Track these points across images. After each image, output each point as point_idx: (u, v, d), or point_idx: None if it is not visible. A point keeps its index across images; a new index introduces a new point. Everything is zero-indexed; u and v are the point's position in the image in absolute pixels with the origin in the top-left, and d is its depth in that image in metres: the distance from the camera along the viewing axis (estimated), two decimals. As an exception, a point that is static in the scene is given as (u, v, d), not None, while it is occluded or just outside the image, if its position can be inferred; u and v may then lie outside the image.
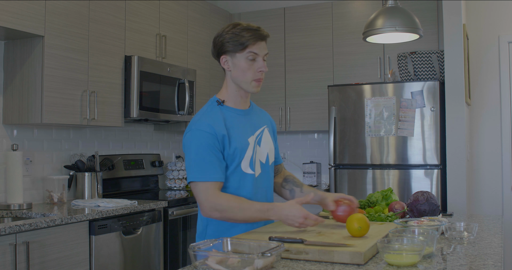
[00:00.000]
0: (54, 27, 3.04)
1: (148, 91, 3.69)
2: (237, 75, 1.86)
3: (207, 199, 1.76)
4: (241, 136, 1.85)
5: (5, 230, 2.32)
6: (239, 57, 1.83)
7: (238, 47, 1.81)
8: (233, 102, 1.92)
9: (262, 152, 1.92)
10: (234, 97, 1.91)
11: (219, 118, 1.83)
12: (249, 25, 1.84)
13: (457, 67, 3.76)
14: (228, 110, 1.89)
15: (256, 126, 1.94)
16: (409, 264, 1.40)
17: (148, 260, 3.26)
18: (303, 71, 4.70)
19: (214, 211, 1.76)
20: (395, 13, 2.58)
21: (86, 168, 3.48)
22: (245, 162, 1.84)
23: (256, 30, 1.83)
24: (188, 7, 4.35)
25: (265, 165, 1.93)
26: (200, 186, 1.77)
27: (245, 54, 1.82)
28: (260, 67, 1.84)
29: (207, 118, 1.83)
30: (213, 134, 1.78)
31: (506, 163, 4.37)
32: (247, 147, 1.85)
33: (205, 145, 1.77)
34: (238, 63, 1.84)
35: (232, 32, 1.82)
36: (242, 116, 1.91)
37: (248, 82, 1.86)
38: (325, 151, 4.88)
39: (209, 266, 1.30)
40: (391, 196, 2.35)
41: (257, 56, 1.84)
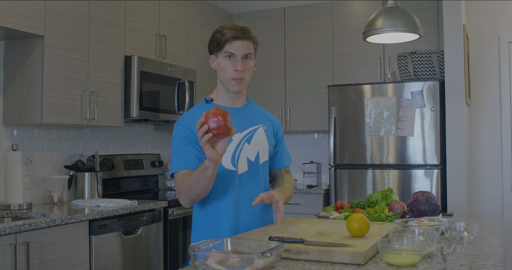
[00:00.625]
0: (54, 27, 3.04)
1: (148, 91, 3.69)
2: (219, 74, 1.91)
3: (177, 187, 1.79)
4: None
5: (5, 230, 2.32)
6: (220, 56, 1.88)
7: (217, 46, 1.86)
8: (221, 100, 1.95)
9: (250, 150, 1.91)
10: (222, 95, 1.94)
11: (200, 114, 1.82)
12: (234, 24, 1.86)
13: (457, 67, 3.77)
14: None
15: (248, 124, 1.94)
16: (409, 264, 1.40)
17: (148, 260, 3.26)
18: (303, 71, 4.70)
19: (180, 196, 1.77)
20: (395, 13, 2.58)
21: (86, 168, 3.48)
22: (226, 158, 1.84)
23: (236, 29, 1.84)
24: (188, 7, 4.35)
25: (253, 164, 1.91)
26: (175, 177, 1.81)
27: (223, 54, 1.86)
28: (235, 66, 1.84)
29: (189, 114, 1.89)
30: (188, 128, 1.82)
31: (506, 163, 4.37)
32: (228, 143, 1.83)
33: (180, 138, 1.82)
34: (219, 62, 1.89)
35: (217, 31, 1.87)
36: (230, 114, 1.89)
37: (227, 81, 1.88)
38: (325, 151, 4.88)
39: (209, 266, 1.30)
40: (391, 196, 2.35)
41: (234, 55, 1.85)
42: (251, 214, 1.91)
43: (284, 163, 2.11)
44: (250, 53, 1.88)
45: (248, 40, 1.86)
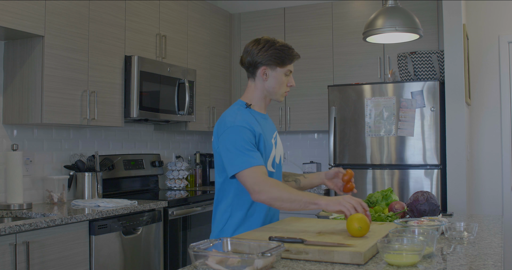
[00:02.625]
0: (54, 27, 3.04)
1: (148, 91, 3.69)
2: (272, 86, 2.06)
3: (254, 183, 1.85)
4: (267, 137, 2.04)
5: (5, 230, 2.32)
6: (279, 72, 2.04)
7: (281, 63, 2.03)
8: (257, 106, 2.10)
9: (278, 153, 2.10)
10: (258, 102, 2.10)
11: (252, 118, 2.01)
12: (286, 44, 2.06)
13: (457, 67, 3.76)
14: (255, 113, 2.07)
15: (273, 129, 2.15)
16: (409, 264, 1.40)
17: (148, 260, 3.26)
18: (303, 71, 4.70)
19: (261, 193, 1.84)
20: (395, 13, 2.58)
21: (86, 168, 3.48)
22: (270, 161, 2.03)
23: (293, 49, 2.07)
24: (188, 7, 4.35)
25: (278, 166, 2.11)
26: (246, 172, 1.86)
27: (284, 70, 2.05)
28: (290, 82, 2.09)
29: (243, 116, 1.99)
30: (251, 131, 1.94)
31: (506, 163, 4.37)
32: (272, 148, 2.05)
33: (245, 139, 1.91)
34: (277, 76, 2.05)
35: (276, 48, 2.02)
36: (265, 120, 2.11)
37: (280, 93, 2.08)
38: (325, 151, 4.88)
39: (209, 266, 1.30)
40: (391, 196, 2.35)
41: (291, 73, 2.08)
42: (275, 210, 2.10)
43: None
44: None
45: None
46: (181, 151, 4.75)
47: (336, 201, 1.79)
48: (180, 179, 4.40)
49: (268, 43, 2.03)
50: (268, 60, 2.02)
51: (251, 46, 2.05)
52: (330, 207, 1.79)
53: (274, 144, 2.08)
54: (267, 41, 2.04)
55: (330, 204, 1.79)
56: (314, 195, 1.83)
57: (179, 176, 4.40)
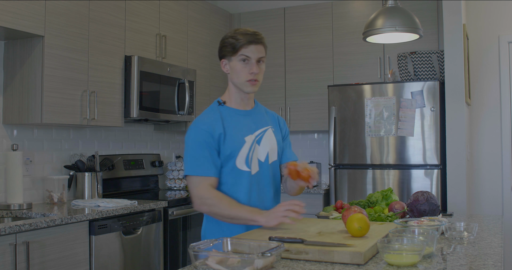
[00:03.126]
0: (54, 27, 3.04)
1: (148, 91, 3.69)
2: (233, 77, 1.97)
3: (198, 193, 1.88)
4: (237, 134, 1.94)
5: (5, 230, 2.32)
6: (234, 60, 1.94)
7: (232, 50, 1.92)
8: (234, 103, 2.02)
9: (261, 151, 1.98)
10: (235, 98, 2.01)
11: (217, 117, 1.94)
12: (246, 30, 1.94)
13: (457, 67, 3.76)
14: (228, 110, 1.99)
15: (258, 126, 2.02)
16: (409, 264, 1.40)
17: (148, 260, 3.26)
18: (303, 71, 4.70)
19: (203, 205, 1.89)
20: (395, 13, 2.58)
21: (86, 168, 3.48)
22: (240, 159, 1.93)
23: (250, 34, 1.92)
24: (188, 7, 4.35)
25: (264, 164, 1.99)
26: (193, 179, 1.89)
27: (238, 57, 1.92)
28: (251, 69, 1.92)
29: (206, 117, 1.95)
30: (209, 132, 1.89)
31: (506, 163, 4.37)
32: (242, 145, 1.94)
33: (201, 141, 1.89)
34: (233, 66, 1.94)
35: (229, 37, 1.94)
36: (242, 116, 2.00)
37: (242, 83, 1.95)
38: (325, 151, 4.88)
39: (209, 266, 1.30)
40: (391, 196, 2.35)
41: (249, 58, 1.92)
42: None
43: (293, 157, 2.14)
44: (263, 57, 1.96)
45: (261, 44, 1.95)
46: (181, 151, 4.75)
47: (273, 215, 1.80)
48: (180, 179, 4.40)
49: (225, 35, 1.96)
50: (221, 51, 1.96)
51: None
52: (269, 223, 1.80)
53: (256, 141, 1.97)
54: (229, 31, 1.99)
55: (269, 220, 1.80)
56: (254, 212, 1.83)
57: (179, 176, 4.40)
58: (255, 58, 1.92)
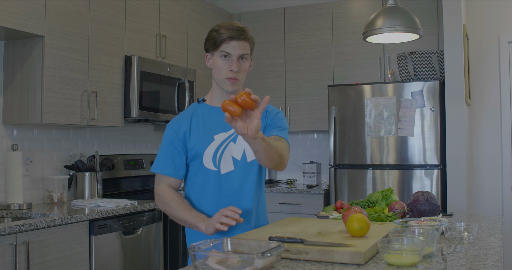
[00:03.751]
0: (54, 27, 3.04)
1: (148, 91, 3.69)
2: (214, 73, 1.90)
3: (156, 190, 1.92)
4: (204, 132, 1.88)
5: (5, 230, 2.32)
6: (216, 55, 1.86)
7: (213, 45, 1.85)
8: (214, 100, 1.94)
9: (236, 149, 1.88)
10: (215, 95, 1.94)
11: (188, 115, 1.92)
12: (231, 24, 1.84)
13: (457, 67, 3.76)
14: (204, 107, 1.94)
15: None
16: (409, 264, 1.40)
17: (148, 260, 3.26)
18: (303, 71, 4.70)
19: (159, 203, 1.92)
20: (395, 13, 2.58)
21: (86, 168, 3.48)
22: (207, 158, 1.86)
23: (233, 29, 1.82)
24: (188, 7, 4.35)
25: (239, 163, 1.88)
26: (155, 176, 1.94)
27: (219, 53, 1.84)
28: (231, 66, 1.82)
29: (179, 115, 1.95)
30: (174, 131, 1.89)
31: (506, 163, 4.37)
32: (209, 143, 1.86)
33: (167, 140, 1.90)
34: (215, 61, 1.87)
35: (214, 30, 1.87)
36: (216, 113, 1.88)
37: (221, 80, 1.86)
38: (325, 151, 4.88)
39: (209, 266, 1.30)
40: (391, 196, 2.35)
41: (230, 55, 1.83)
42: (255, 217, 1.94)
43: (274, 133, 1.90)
44: (246, 54, 1.86)
45: (244, 41, 1.85)
46: (181, 151, 4.75)
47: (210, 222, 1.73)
48: (180, 179, 4.40)
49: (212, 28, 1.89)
50: (206, 45, 1.90)
51: None
52: (208, 230, 1.75)
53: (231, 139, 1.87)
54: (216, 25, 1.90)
55: (208, 228, 1.74)
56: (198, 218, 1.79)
57: (179, 176, 4.40)
58: (236, 55, 1.82)
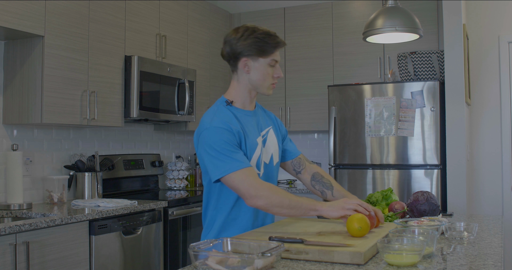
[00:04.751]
0: (54, 27, 3.04)
1: (148, 91, 3.69)
2: (256, 78, 1.89)
3: (250, 187, 1.73)
4: (251, 136, 1.88)
5: (5, 230, 2.32)
6: (262, 62, 1.87)
7: (262, 52, 1.85)
8: (241, 103, 1.93)
9: (267, 153, 1.94)
10: (243, 98, 1.93)
11: (231, 117, 1.85)
12: (268, 31, 1.87)
13: (457, 67, 3.76)
14: (237, 110, 1.91)
15: (262, 127, 1.96)
16: (409, 264, 1.40)
17: (148, 260, 3.26)
18: (303, 71, 4.70)
19: (260, 198, 1.72)
20: (395, 13, 2.58)
21: (86, 168, 3.48)
22: (253, 162, 1.86)
23: (276, 36, 1.88)
24: (188, 7, 4.35)
25: (268, 166, 1.94)
26: (235, 176, 1.73)
27: (268, 60, 1.87)
28: (277, 73, 1.91)
29: (220, 116, 1.84)
30: (230, 131, 1.79)
31: (506, 163, 4.37)
32: (255, 147, 1.88)
33: (226, 141, 1.76)
34: (260, 67, 1.88)
35: (255, 37, 1.85)
36: (250, 117, 1.93)
37: (266, 86, 1.91)
38: (325, 151, 4.88)
39: (209, 266, 1.30)
40: (391, 196, 2.35)
41: (276, 63, 1.91)
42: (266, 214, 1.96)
43: (296, 153, 2.12)
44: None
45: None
46: (181, 151, 4.75)
47: (338, 206, 1.74)
48: (180, 179, 4.40)
49: (248, 31, 1.84)
50: (248, 50, 1.84)
51: (229, 36, 1.87)
52: (331, 213, 1.73)
53: (262, 142, 1.92)
54: (246, 29, 1.86)
55: (332, 210, 1.73)
56: (313, 201, 1.76)
57: (179, 176, 4.40)
58: (279, 61, 1.93)
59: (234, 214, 1.87)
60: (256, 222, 1.92)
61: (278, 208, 1.74)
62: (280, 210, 1.74)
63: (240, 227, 1.88)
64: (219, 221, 1.89)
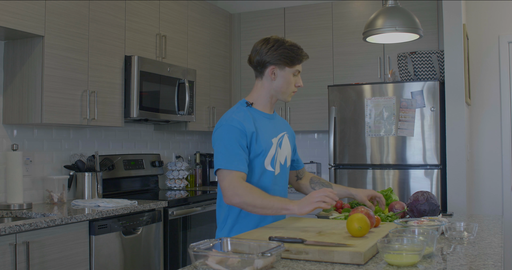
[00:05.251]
0: (54, 27, 3.04)
1: (148, 91, 3.69)
2: (280, 86, 2.08)
3: (230, 185, 1.90)
4: (266, 135, 2.05)
5: (5, 230, 2.32)
6: (288, 72, 2.07)
7: (290, 63, 2.05)
8: (261, 106, 2.11)
9: (282, 154, 2.10)
10: (264, 102, 2.12)
11: (249, 117, 2.02)
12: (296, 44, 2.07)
13: (457, 67, 3.76)
14: (256, 112, 2.08)
15: (278, 130, 2.14)
16: (409, 264, 1.40)
17: (148, 260, 3.26)
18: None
19: (235, 196, 1.88)
20: (395, 13, 2.58)
21: (86, 168, 3.48)
22: (268, 160, 2.02)
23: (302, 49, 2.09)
24: (188, 7, 4.35)
25: (283, 167, 2.11)
26: (225, 173, 1.92)
27: (293, 70, 2.07)
28: (298, 83, 2.12)
29: (238, 116, 2.01)
30: (242, 130, 1.96)
31: (506, 163, 4.37)
32: (270, 146, 2.04)
33: (233, 139, 1.94)
34: (285, 76, 2.07)
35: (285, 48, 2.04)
36: (267, 119, 2.11)
37: (288, 93, 2.11)
38: (325, 151, 4.88)
39: (209, 266, 1.30)
40: (391, 196, 2.35)
41: (299, 73, 2.11)
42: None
43: (301, 164, 2.38)
44: None
45: None
46: (181, 151, 4.75)
47: (306, 201, 1.82)
48: (180, 179, 4.40)
49: (278, 43, 2.04)
50: (277, 59, 2.03)
51: (260, 45, 2.07)
52: (301, 209, 1.82)
53: (278, 144, 2.09)
54: (276, 40, 2.05)
55: (301, 207, 1.82)
56: (285, 201, 1.86)
57: (179, 176, 4.40)
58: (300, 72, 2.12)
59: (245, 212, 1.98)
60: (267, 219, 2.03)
61: (251, 207, 1.88)
62: (253, 209, 1.88)
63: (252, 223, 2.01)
64: (232, 218, 2.02)
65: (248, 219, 2.01)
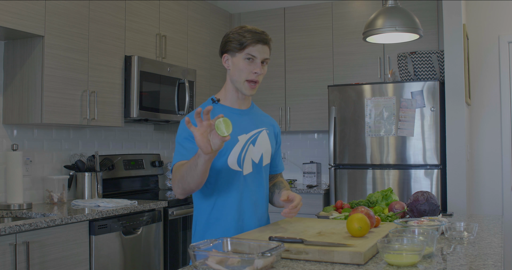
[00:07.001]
0: (54, 27, 3.04)
1: (148, 91, 3.69)
2: (233, 74, 1.90)
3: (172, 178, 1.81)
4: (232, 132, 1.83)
5: (5, 230, 2.32)
6: (238, 57, 1.87)
7: (238, 47, 1.86)
8: (229, 101, 1.95)
9: (255, 151, 1.93)
10: (230, 96, 1.95)
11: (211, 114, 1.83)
12: (254, 28, 1.89)
13: (457, 67, 3.77)
14: (222, 108, 1.93)
15: (253, 126, 1.96)
16: (409, 264, 1.40)
17: (148, 260, 3.26)
18: (303, 71, 4.70)
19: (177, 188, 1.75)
20: (395, 13, 2.58)
21: (86, 168, 3.48)
22: (232, 158, 1.86)
23: (258, 33, 1.87)
24: (188, 7, 4.35)
25: (257, 165, 1.94)
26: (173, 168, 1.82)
27: (243, 55, 1.86)
28: (255, 69, 1.86)
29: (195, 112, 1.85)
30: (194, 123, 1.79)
31: (506, 163, 4.37)
32: (235, 143, 1.87)
33: (182, 133, 1.84)
34: (236, 62, 1.88)
35: (236, 32, 1.88)
36: (236, 115, 1.92)
37: (241, 82, 1.88)
38: (325, 151, 4.88)
39: (209, 266, 1.30)
40: (391, 196, 2.35)
41: (255, 58, 1.86)
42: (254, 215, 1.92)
43: (279, 169, 2.13)
44: (268, 59, 1.91)
45: (267, 46, 1.90)
46: (181, 151, 4.74)
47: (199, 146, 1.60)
48: (180, 179, 4.40)
49: (235, 29, 1.89)
50: (226, 45, 1.88)
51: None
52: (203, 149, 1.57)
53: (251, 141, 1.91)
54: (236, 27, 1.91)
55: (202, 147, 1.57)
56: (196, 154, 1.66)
57: (179, 176, 4.39)
58: (260, 58, 1.87)
59: (215, 215, 1.87)
60: (239, 223, 1.88)
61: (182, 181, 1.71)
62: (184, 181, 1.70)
63: (223, 227, 1.86)
64: (201, 223, 1.90)
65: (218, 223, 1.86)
